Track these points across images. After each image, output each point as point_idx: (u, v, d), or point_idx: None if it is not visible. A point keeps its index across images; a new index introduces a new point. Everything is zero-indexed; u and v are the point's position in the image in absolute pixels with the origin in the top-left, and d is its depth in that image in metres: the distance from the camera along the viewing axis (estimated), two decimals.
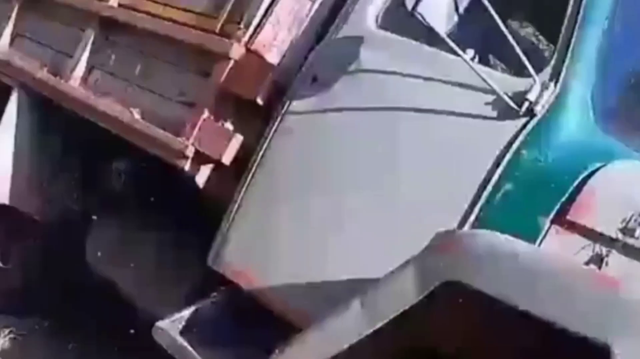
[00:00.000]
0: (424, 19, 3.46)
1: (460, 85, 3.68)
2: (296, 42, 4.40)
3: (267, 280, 3.90)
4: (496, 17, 3.51)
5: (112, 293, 5.15)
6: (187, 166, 4.34)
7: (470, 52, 3.69)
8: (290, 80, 4.27)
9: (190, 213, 4.67)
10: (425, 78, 3.78)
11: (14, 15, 6.28)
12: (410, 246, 3.26)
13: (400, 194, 3.68)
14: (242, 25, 4.41)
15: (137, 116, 4.86)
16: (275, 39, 4.37)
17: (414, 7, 3.45)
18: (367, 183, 3.81)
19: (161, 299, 4.70)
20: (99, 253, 5.16)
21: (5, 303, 5.96)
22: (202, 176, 4.35)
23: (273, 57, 4.39)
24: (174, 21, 4.93)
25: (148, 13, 5.17)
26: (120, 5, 5.43)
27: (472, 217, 3.41)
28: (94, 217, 5.36)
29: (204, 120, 4.35)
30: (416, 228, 3.51)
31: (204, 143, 4.30)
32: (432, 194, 3.58)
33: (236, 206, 4.16)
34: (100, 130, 5.07)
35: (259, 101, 4.19)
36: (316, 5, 4.41)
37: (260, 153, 4.15)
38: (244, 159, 4.26)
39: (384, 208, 3.71)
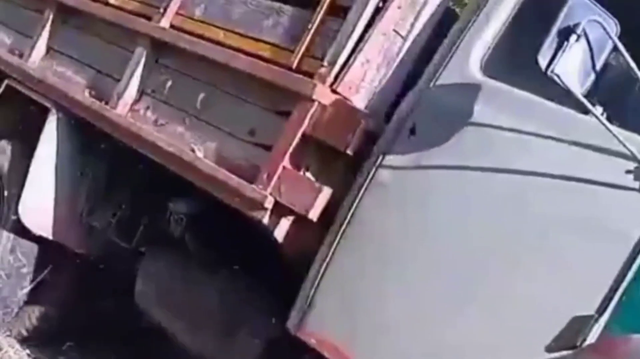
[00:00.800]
0: (562, 81, 3.06)
1: (590, 148, 3.28)
2: (386, 83, 4.00)
3: (365, 356, 3.51)
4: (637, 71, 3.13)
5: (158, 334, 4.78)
6: (265, 218, 3.95)
7: (599, 110, 3.29)
8: (380, 127, 3.87)
9: (259, 261, 4.28)
10: (545, 138, 3.39)
11: (47, 27, 5.83)
12: (532, 333, 2.90)
13: (517, 274, 3.29)
14: (325, 63, 3.99)
15: (200, 154, 4.44)
16: (363, 80, 3.96)
17: (549, 68, 3.05)
18: (477, 256, 3.42)
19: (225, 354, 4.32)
20: (150, 295, 4.76)
21: (41, 340, 5.56)
22: (281, 230, 3.96)
23: (360, 100, 4.01)
24: (239, 50, 4.50)
25: (205, 37, 4.73)
26: (172, 27, 4.98)
27: (610, 308, 3.03)
28: (144, 256, 4.94)
29: (284, 167, 3.94)
30: (538, 314, 3.15)
31: (286, 195, 3.90)
32: (557, 277, 3.19)
33: (322, 267, 3.76)
34: (152, 160, 4.65)
35: (350, 152, 3.78)
36: (408, 43, 4.00)
37: (351, 210, 3.74)
38: (327, 212, 3.85)
39: (497, 288, 3.33)
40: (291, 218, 3.96)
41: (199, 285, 4.43)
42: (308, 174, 3.99)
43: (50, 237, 5.33)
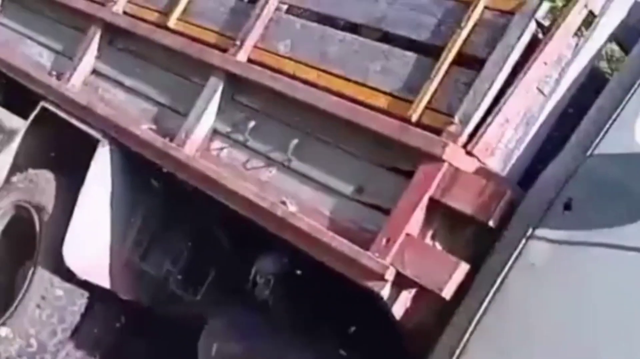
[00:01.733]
0: None
1: None
2: (524, 145, 3.59)
3: None
4: None
5: None
6: (384, 291, 3.51)
7: None
8: (519, 194, 3.45)
9: (364, 333, 3.85)
10: None
11: (91, 48, 5.33)
12: None
13: None
14: (456, 119, 3.56)
15: (292, 208, 3.99)
16: (500, 141, 3.54)
17: None
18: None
19: None
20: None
21: None
22: (401, 305, 3.53)
23: (495, 163, 3.59)
24: (339, 94, 4.06)
25: (292, 76, 4.28)
26: (250, 61, 4.52)
27: None
28: (210, 309, 4.47)
29: (407, 234, 3.50)
30: None
31: (411, 267, 3.48)
32: None
33: (455, 354, 3.33)
34: (219, 202, 4.24)
35: (492, 224, 3.35)
36: (551, 103, 3.58)
37: (492, 290, 3.31)
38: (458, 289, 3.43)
39: None
40: (414, 292, 3.51)
41: (289, 352, 3.96)
42: (434, 243, 3.53)
43: (97, 283, 4.82)
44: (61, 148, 5.44)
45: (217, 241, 4.59)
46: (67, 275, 4.88)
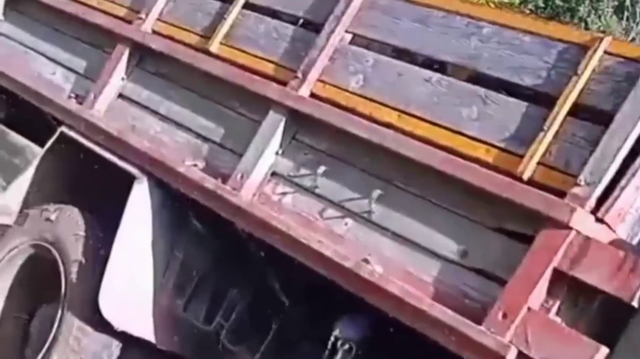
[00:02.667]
0: None
1: None
2: None
3: None
4: None
5: None
6: None
7: None
8: None
9: None
10: None
11: (117, 70, 4.87)
12: None
13: None
14: (581, 180, 3.19)
15: (378, 269, 3.60)
16: (631, 206, 3.17)
17: None
18: None
19: None
20: None
21: None
22: None
23: (625, 230, 3.21)
24: (426, 141, 3.67)
25: (366, 116, 3.88)
26: (314, 96, 4.11)
27: None
28: None
29: (530, 309, 3.13)
30: None
31: (537, 347, 3.13)
32: None
33: None
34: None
35: (636, 303, 2.99)
36: None
37: None
38: None
39: None
40: None
41: None
42: (559, 319, 3.17)
43: (135, 334, 4.38)
44: (82, 178, 4.95)
45: (276, 294, 4.15)
46: (100, 324, 4.41)
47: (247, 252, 4.25)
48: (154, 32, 4.97)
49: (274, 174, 4.13)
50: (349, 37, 4.22)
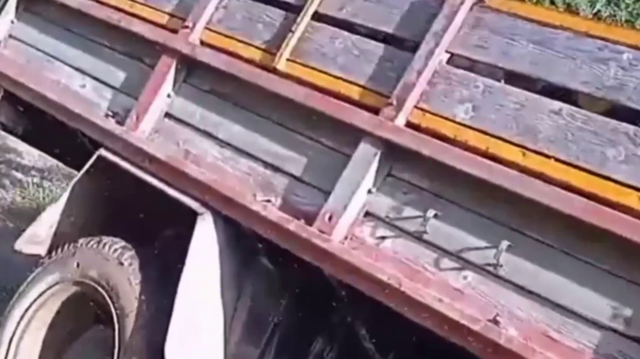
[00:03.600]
0: None
1: None
2: None
3: None
4: None
5: None
6: None
7: None
8: None
9: None
10: None
11: (163, 85, 4.33)
12: None
13: None
14: None
15: (511, 332, 3.15)
16: None
17: None
18: None
19: None
20: None
21: None
22: None
23: None
24: (562, 185, 3.20)
25: (487, 155, 3.40)
26: (410, 125, 3.63)
27: None
28: None
29: None
30: None
31: None
32: None
33: None
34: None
35: None
36: None
37: None
38: None
39: None
40: None
41: None
42: None
43: None
44: (124, 207, 4.42)
45: (365, 346, 3.68)
46: None
47: (330, 297, 3.76)
48: (203, 43, 4.42)
49: (367, 214, 3.63)
50: (447, 57, 3.69)
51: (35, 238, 4.58)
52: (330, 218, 3.66)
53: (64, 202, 4.55)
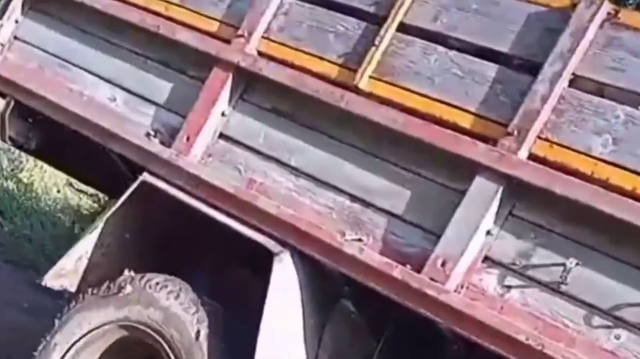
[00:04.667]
0: None
1: None
2: None
3: None
4: None
5: None
6: None
7: None
8: None
9: None
10: None
11: (219, 103, 3.83)
12: None
13: None
14: None
15: None
16: None
17: None
18: None
19: None
20: None
21: None
22: None
23: None
24: None
25: (629, 193, 2.99)
26: (534, 157, 3.20)
27: None
28: None
29: None
30: None
31: None
32: None
33: None
34: None
35: None
36: None
37: None
38: None
39: None
40: None
41: None
42: None
43: None
44: (169, 237, 3.91)
45: None
46: None
47: (429, 343, 3.33)
48: (261, 54, 3.90)
49: (486, 260, 3.18)
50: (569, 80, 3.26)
51: (63, 271, 4.03)
52: (443, 264, 3.19)
53: (99, 233, 4.00)
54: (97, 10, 4.35)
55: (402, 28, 3.63)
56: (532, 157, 3.23)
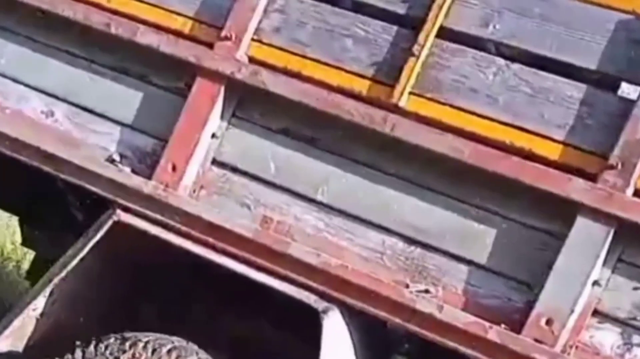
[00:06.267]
0: None
1: None
2: None
3: None
4: None
5: None
6: None
7: None
8: None
9: None
10: None
11: (211, 123, 3.25)
12: None
13: None
14: None
15: None
16: None
17: None
18: None
19: None
20: None
21: None
22: None
23: None
24: None
25: None
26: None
27: None
28: None
29: None
30: None
31: None
32: None
33: None
34: None
35: None
36: None
37: None
38: None
39: None
40: None
41: None
42: None
43: None
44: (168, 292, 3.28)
45: None
46: None
47: None
48: (251, 60, 3.25)
49: (596, 313, 2.78)
50: None
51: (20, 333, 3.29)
52: (548, 322, 2.76)
53: (54, 284, 3.26)
54: (27, 4, 3.48)
55: (443, 33, 3.07)
56: (638, 193, 2.80)
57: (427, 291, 2.93)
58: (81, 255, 3.24)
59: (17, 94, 3.53)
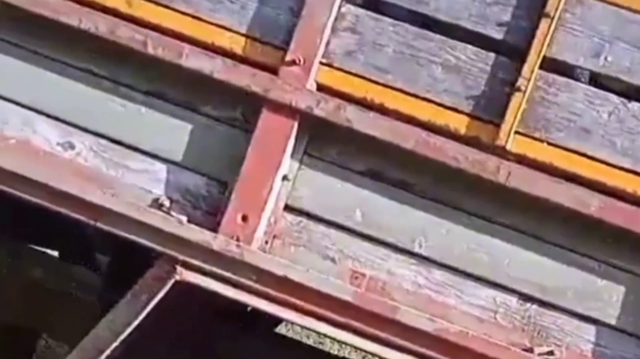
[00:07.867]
0: None
1: None
2: None
3: None
4: None
5: None
6: None
7: None
8: None
9: None
10: None
11: (283, 163, 2.91)
12: None
13: None
14: None
15: None
16: None
17: None
18: None
19: None
20: None
21: None
22: None
23: None
24: None
25: None
26: None
27: None
28: None
29: None
30: None
31: None
32: None
33: None
34: None
35: None
36: None
37: None
38: None
39: None
40: None
41: None
42: None
43: None
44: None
45: None
46: None
47: None
48: (320, 87, 2.88)
49: None
50: None
51: None
52: None
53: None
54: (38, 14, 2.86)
55: (546, 64, 2.80)
56: None
57: (551, 352, 2.72)
58: (136, 322, 2.78)
59: (22, 120, 2.92)
